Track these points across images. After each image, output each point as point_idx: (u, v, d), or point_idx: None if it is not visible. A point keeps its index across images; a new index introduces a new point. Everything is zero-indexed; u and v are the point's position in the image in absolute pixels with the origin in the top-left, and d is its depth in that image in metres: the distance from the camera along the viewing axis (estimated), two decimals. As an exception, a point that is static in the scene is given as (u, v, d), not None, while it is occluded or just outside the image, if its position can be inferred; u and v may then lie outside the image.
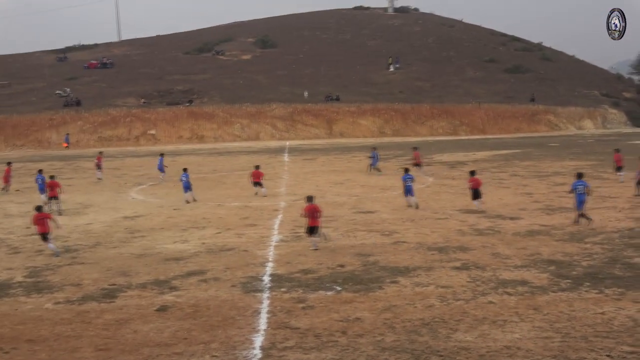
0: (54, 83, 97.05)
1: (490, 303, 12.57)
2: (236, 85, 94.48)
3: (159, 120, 79.11)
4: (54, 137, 75.25)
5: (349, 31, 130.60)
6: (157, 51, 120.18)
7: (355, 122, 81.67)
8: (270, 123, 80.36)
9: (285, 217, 23.07)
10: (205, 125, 78.73)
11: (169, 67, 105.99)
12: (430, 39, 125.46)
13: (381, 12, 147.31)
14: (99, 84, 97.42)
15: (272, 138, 77.26)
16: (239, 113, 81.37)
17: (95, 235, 20.68)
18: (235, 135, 78.00)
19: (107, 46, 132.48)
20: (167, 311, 12.68)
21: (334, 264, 15.92)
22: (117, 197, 30.37)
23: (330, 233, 19.66)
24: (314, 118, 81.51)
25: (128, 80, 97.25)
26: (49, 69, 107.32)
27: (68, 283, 14.91)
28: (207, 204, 26.80)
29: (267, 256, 17.03)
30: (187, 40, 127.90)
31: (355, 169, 39.84)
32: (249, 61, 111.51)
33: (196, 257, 17.15)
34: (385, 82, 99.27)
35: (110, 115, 79.58)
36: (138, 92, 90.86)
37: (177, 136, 75.87)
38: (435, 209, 24.03)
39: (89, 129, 76.31)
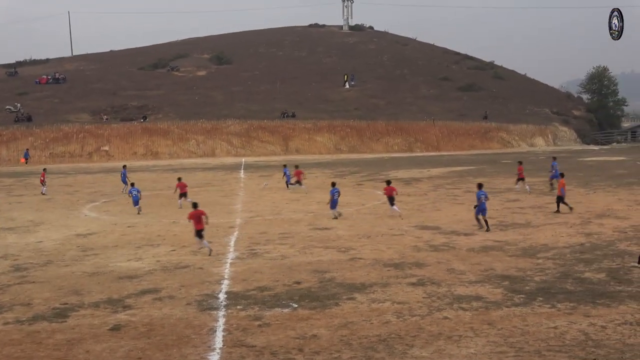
0: (4, 98, 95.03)
1: (446, 318, 12.68)
2: (191, 102, 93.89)
3: (113, 136, 78.09)
4: (4, 154, 73.64)
5: (304, 48, 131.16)
6: (111, 66, 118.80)
7: (311, 138, 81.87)
8: (226, 139, 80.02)
9: (241, 234, 22.97)
10: (160, 142, 77.98)
11: (123, 82, 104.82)
12: (385, 56, 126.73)
13: (336, 30, 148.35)
14: (51, 99, 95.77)
15: (228, 154, 76.89)
16: (194, 129, 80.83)
17: (46, 254, 20.27)
18: (190, 152, 77.42)
19: (59, 61, 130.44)
20: (120, 330, 12.48)
21: (290, 280, 15.90)
22: (69, 214, 29.84)
23: (288, 250, 19.66)
24: (269, 134, 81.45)
25: (81, 96, 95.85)
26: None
27: (18, 302, 14.57)
28: (161, 221, 26.52)
29: (223, 273, 16.91)
30: (142, 56, 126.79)
31: (312, 186, 39.86)
32: (204, 77, 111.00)
33: (150, 275, 16.93)
34: (340, 99, 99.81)
35: (63, 131, 78.22)
36: (91, 107, 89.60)
37: (131, 152, 74.97)
38: (390, 225, 24.20)
39: (40, 145, 74.87)
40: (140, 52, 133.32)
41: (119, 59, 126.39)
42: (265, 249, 20.04)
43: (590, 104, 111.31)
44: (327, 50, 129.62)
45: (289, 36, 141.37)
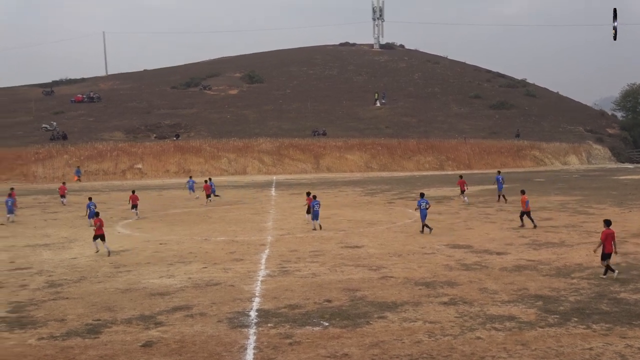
0: (41, 117, 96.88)
1: (479, 339, 12.52)
2: (223, 120, 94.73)
3: (146, 154, 78.97)
4: (40, 171, 74.85)
5: (335, 67, 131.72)
6: (145, 85, 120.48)
7: (342, 156, 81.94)
8: (257, 157, 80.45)
9: (272, 251, 22.98)
10: (192, 160, 78.66)
11: (156, 101, 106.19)
12: (416, 75, 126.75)
13: (367, 49, 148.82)
14: (86, 117, 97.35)
15: (259, 172, 77.26)
16: (226, 147, 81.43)
17: (80, 270, 20.48)
18: (222, 170, 77.94)
19: (94, 80, 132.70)
20: (152, 347, 12.52)
21: (321, 299, 15.84)
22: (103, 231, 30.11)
23: (319, 268, 19.63)
24: (301, 152, 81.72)
25: (115, 114, 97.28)
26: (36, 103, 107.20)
27: (52, 318, 14.72)
28: (193, 239, 26.67)
29: (254, 291, 16.91)
30: (175, 75, 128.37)
31: (343, 204, 39.86)
32: (236, 96, 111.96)
33: (182, 292, 17.00)
34: (371, 117, 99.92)
35: (97, 149, 79.35)
36: (125, 126, 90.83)
37: (164, 170, 75.68)
38: (422, 243, 24.04)
39: (75, 163, 75.93)
40: (173, 71, 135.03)
41: (153, 78, 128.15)
42: (296, 266, 20.02)
43: (624, 121, 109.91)
44: (358, 69, 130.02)
45: (320, 55, 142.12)
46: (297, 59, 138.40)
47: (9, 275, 19.87)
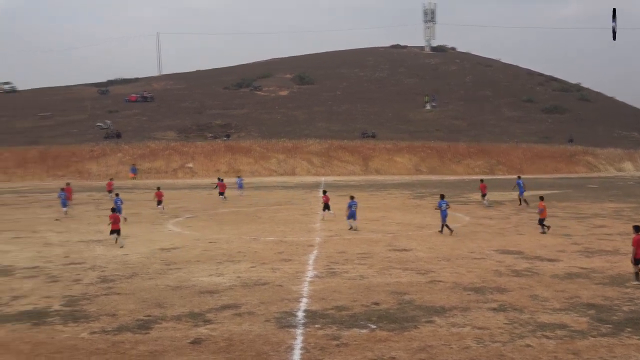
0: (96, 115, 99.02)
1: (528, 346, 12.31)
2: (273, 121, 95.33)
3: (197, 153, 79.97)
4: (94, 169, 76.44)
5: (386, 69, 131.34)
6: (197, 86, 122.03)
7: (391, 159, 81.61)
8: (306, 158, 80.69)
9: (320, 252, 23.01)
10: (242, 160, 79.34)
11: (208, 101, 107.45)
12: (467, 78, 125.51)
13: (418, 51, 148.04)
14: (139, 117, 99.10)
15: (307, 173, 77.48)
16: (276, 148, 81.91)
17: (132, 266, 20.83)
18: (271, 170, 78.41)
19: (148, 80, 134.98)
20: (201, 344, 12.66)
21: (368, 301, 15.78)
22: (154, 229, 30.64)
23: (367, 270, 19.58)
24: (349, 154, 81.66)
25: (168, 114, 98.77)
26: (91, 101, 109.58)
27: (104, 313, 15.00)
28: (242, 238, 26.88)
29: (302, 292, 16.95)
30: (226, 76, 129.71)
31: (391, 206, 39.69)
32: (287, 97, 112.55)
33: (231, 290, 17.14)
34: (421, 119, 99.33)
35: (149, 148, 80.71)
36: (177, 125, 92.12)
37: (215, 170, 76.43)
38: (471, 248, 23.76)
39: (128, 161, 77.37)
40: (225, 72, 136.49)
41: (205, 79, 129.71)
42: (343, 268, 20.00)
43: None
44: (409, 71, 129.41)
45: (371, 57, 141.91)
46: (347, 60, 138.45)
47: (64, 270, 20.34)
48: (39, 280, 18.83)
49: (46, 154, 79.42)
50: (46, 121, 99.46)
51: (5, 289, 17.74)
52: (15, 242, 26.90)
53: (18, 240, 27.44)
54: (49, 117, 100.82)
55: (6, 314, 15.03)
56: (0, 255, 23.54)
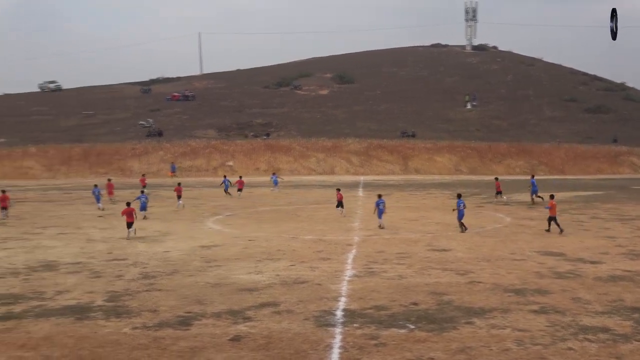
0: (138, 114, 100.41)
1: (570, 349, 12.12)
2: (313, 120, 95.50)
3: (237, 152, 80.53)
4: (136, 166, 77.48)
5: (426, 68, 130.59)
6: (237, 85, 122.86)
7: (431, 158, 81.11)
8: (346, 157, 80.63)
9: (358, 252, 22.98)
10: (281, 158, 79.64)
11: (248, 100, 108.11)
12: (509, 77, 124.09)
13: (459, 50, 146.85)
14: (181, 115, 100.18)
15: (346, 172, 77.42)
16: (315, 147, 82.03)
17: (172, 263, 21.07)
18: (310, 169, 78.55)
19: (189, 79, 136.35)
20: (240, 341, 12.75)
21: (407, 301, 15.72)
22: (195, 226, 30.94)
23: (405, 270, 19.50)
24: (389, 154, 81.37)
25: (208, 113, 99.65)
26: (133, 100, 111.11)
27: (145, 309, 15.20)
28: (281, 236, 26.98)
29: (340, 291, 16.95)
30: (267, 75, 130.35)
31: (431, 206, 39.45)
32: (326, 96, 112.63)
33: (270, 288, 17.23)
34: (461, 119, 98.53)
35: (190, 146, 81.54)
36: (217, 124, 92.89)
37: (254, 168, 76.91)
38: (512, 249, 23.48)
39: (169, 159, 78.24)
40: (265, 71, 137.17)
41: (245, 78, 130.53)
42: (382, 268, 19.94)
43: None
44: (449, 70, 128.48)
45: (412, 56, 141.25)
46: (388, 60, 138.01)
47: (107, 266, 20.68)
48: (82, 276, 19.17)
49: (90, 151, 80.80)
50: (90, 119, 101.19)
51: (50, 283, 18.11)
52: (60, 238, 27.43)
53: (62, 236, 27.98)
54: (93, 116, 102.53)
55: (51, 308, 15.34)
56: (46, 250, 24.04)
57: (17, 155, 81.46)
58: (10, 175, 76.70)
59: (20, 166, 79.44)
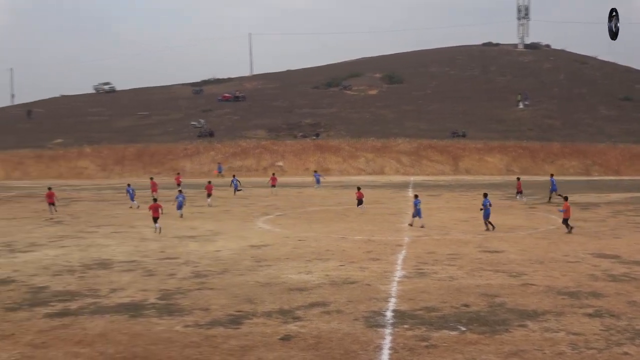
0: (190, 114, 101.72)
1: (626, 354, 11.82)
2: (362, 120, 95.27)
3: (287, 152, 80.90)
4: (188, 167, 78.53)
5: (477, 67, 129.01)
6: (287, 85, 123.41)
7: (481, 159, 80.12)
8: (395, 158, 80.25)
9: (408, 252, 22.85)
10: (330, 158, 79.68)
11: (297, 100, 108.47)
12: (562, 75, 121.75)
13: (511, 49, 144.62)
14: (231, 116, 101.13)
15: (396, 173, 77.03)
16: (364, 147, 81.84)
17: (223, 262, 21.29)
18: (359, 169, 78.41)
19: (240, 80, 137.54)
20: (290, 341, 12.80)
21: (458, 303, 15.56)
22: (245, 226, 31.20)
23: (456, 272, 19.30)
24: (439, 154, 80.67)
25: (258, 113, 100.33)
26: (186, 101, 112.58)
27: (197, 307, 15.38)
28: (331, 237, 27.01)
29: (390, 291, 16.88)
30: (316, 75, 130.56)
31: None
32: (376, 96, 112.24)
33: (320, 288, 17.25)
34: (513, 119, 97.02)
35: (241, 147, 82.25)
36: (268, 124, 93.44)
37: (304, 168, 77.12)
38: (565, 251, 23.03)
39: (220, 160, 79.04)
40: (315, 72, 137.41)
41: (295, 78, 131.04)
42: (432, 269, 19.79)
43: None
44: (501, 69, 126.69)
45: (462, 55, 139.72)
46: (437, 59, 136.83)
47: (159, 264, 21.01)
48: (136, 274, 19.51)
49: (143, 151, 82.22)
50: (145, 120, 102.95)
51: (105, 281, 18.48)
52: (114, 236, 27.99)
53: (117, 234, 28.55)
54: (148, 116, 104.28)
55: (105, 306, 15.65)
56: (101, 249, 24.55)
57: (72, 155, 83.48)
58: (66, 175, 78.69)
59: (75, 166, 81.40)
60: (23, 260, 22.31)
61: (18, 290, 17.54)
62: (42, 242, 26.63)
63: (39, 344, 12.82)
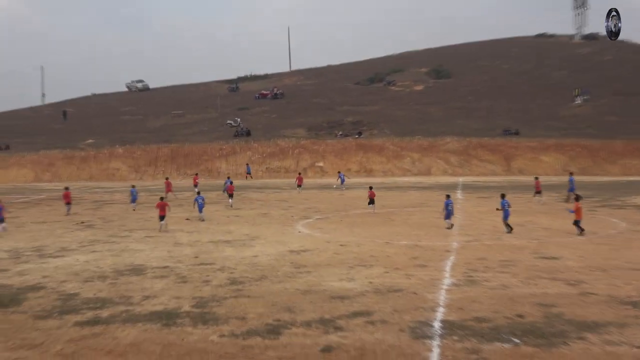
0: (225, 113, 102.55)
1: (697, 370, 11.51)
2: (407, 118, 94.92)
3: (327, 152, 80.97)
4: (223, 167, 79.12)
5: (531, 60, 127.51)
6: (328, 81, 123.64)
7: (536, 158, 79.06)
8: (443, 157, 79.74)
9: (458, 258, 22.62)
10: (374, 159, 79.54)
11: (339, 97, 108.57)
12: (624, 68, 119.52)
13: (567, 40, 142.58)
14: (269, 114, 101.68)
15: (444, 173, 76.55)
16: (410, 146, 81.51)
17: (261, 268, 21.34)
18: (405, 170, 78.12)
19: (278, 76, 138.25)
20: (331, 352, 12.74)
21: (512, 313, 15.32)
22: (284, 230, 31.26)
23: (510, 280, 19.03)
24: (490, 153, 79.89)
25: (298, 111, 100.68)
26: (221, 98, 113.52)
27: (233, 316, 15.42)
28: (375, 241, 26.90)
29: (438, 300, 16.71)
30: (358, 70, 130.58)
31: (537, 210, 38.42)
32: (422, 92, 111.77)
33: (363, 297, 17.17)
34: (570, 115, 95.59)
35: (279, 146, 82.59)
36: (307, 123, 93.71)
37: (345, 169, 77.08)
38: (629, 257, 22.54)
39: (257, 160, 79.53)
40: (357, 67, 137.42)
41: (336, 74, 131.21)
42: (484, 276, 19.55)
43: None
44: (557, 63, 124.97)
45: (514, 48, 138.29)
46: (488, 52, 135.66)
47: (193, 270, 21.15)
48: (169, 281, 19.67)
49: (177, 152, 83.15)
50: (179, 119, 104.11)
51: (137, 288, 18.67)
52: (147, 241, 28.30)
53: (149, 239, 28.85)
54: (182, 116, 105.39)
55: (138, 314, 15.79)
56: (133, 254, 24.83)
57: (104, 156, 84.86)
58: (97, 176, 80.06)
59: (107, 167, 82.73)
60: (53, 265, 22.68)
61: (48, 297, 17.83)
62: (73, 246, 27.06)
63: (68, 354, 12.99)
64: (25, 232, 32.39)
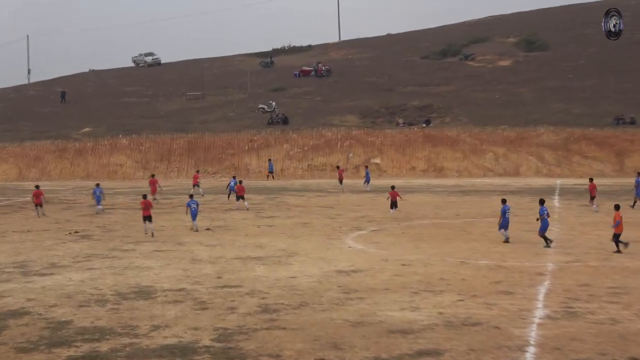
0: (257, 95, 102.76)
1: None
2: (490, 101, 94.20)
3: (386, 145, 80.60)
4: (254, 164, 79.39)
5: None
6: (387, 55, 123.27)
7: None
8: (536, 153, 78.94)
9: (553, 284, 22.46)
10: (446, 154, 79.07)
11: (401, 75, 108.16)
12: None
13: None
14: (312, 96, 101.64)
15: (536, 174, 75.74)
16: (493, 139, 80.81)
17: (300, 293, 21.43)
18: (486, 169, 77.53)
19: (323, 48, 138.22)
20: (390, 402, 12.76)
21: (624, 355, 15.19)
22: (329, 244, 31.32)
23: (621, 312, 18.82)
24: (597, 148, 78.85)
25: (348, 93, 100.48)
26: (252, 76, 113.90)
27: (265, 353, 15.52)
28: (445, 260, 26.82)
29: (528, 337, 16.65)
30: (427, 41, 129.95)
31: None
32: (509, 68, 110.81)
33: (430, 331, 17.15)
34: None
35: (324, 138, 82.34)
36: (360, 107, 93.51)
37: (409, 167, 76.86)
38: None
39: (297, 155, 79.56)
40: (425, 36, 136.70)
41: (398, 45, 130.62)
42: (587, 307, 19.39)
43: None
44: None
45: (629, 11, 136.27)
46: (594, 17, 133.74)
47: (215, 294, 21.32)
48: (185, 307, 19.87)
49: (196, 144, 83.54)
50: (197, 102, 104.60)
51: (145, 316, 18.89)
52: (157, 256, 28.61)
53: (160, 254, 29.16)
54: (200, 98, 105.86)
55: (145, 348, 15.98)
56: (139, 272, 25.14)
57: (103, 148, 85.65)
58: (96, 174, 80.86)
59: (108, 163, 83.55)
60: (40, 285, 23.09)
61: (33, 325, 18.15)
62: (65, 262, 27.50)
63: (59, 397, 13.22)
64: (7, 243, 33.04)
